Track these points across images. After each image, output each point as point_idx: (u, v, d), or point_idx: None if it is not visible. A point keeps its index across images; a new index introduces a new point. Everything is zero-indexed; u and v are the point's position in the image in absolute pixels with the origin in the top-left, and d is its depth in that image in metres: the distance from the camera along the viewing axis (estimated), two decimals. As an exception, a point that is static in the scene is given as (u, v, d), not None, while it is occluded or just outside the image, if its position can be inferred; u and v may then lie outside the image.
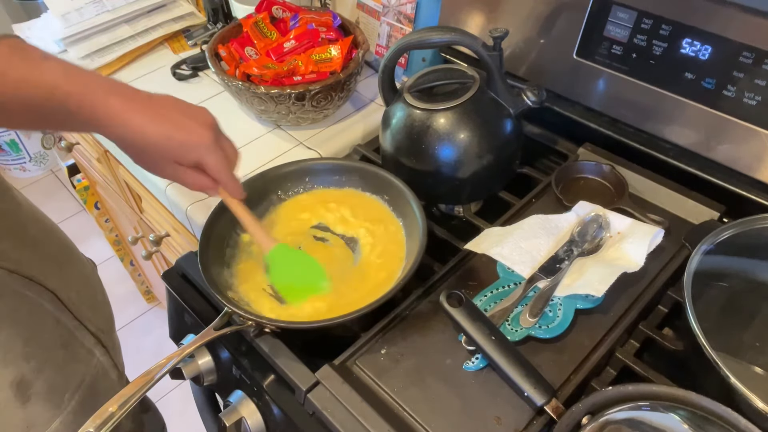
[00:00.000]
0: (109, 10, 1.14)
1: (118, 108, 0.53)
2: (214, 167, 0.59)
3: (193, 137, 0.56)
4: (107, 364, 0.75)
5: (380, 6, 1.01)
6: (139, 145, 0.55)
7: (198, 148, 0.57)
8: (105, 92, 0.53)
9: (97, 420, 0.52)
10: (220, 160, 0.59)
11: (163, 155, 0.57)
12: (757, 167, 0.68)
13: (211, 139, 0.58)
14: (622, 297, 0.63)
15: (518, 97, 0.74)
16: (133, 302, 1.99)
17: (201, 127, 0.57)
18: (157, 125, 0.54)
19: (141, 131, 0.54)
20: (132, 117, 0.53)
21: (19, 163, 2.42)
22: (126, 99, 0.54)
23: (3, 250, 0.61)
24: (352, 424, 0.54)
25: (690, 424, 0.48)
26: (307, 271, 0.67)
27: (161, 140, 0.55)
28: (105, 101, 0.52)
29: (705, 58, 0.67)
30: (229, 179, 0.61)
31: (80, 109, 0.51)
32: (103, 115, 0.52)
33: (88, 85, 0.52)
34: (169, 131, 0.55)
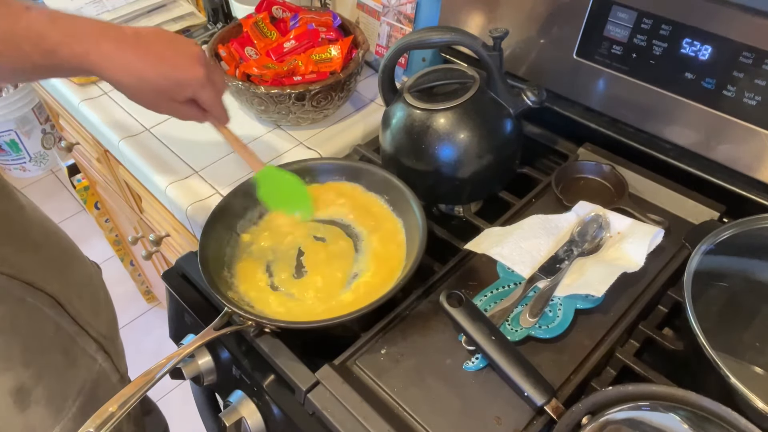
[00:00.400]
0: (109, 10, 1.14)
1: (111, 53, 0.53)
2: (206, 101, 0.62)
3: (187, 75, 0.58)
4: (109, 370, 0.75)
5: (380, 6, 1.01)
6: (135, 86, 0.57)
7: (192, 84, 0.59)
8: (96, 37, 0.53)
9: (97, 420, 0.52)
10: (212, 93, 0.61)
11: (159, 94, 0.58)
12: (757, 167, 0.68)
13: (204, 74, 0.59)
14: (622, 297, 0.63)
15: (518, 97, 0.74)
16: (133, 302, 1.99)
17: (193, 64, 0.59)
18: (153, 67, 0.56)
19: (137, 74, 0.55)
20: (126, 60, 0.54)
21: (19, 163, 2.42)
22: (117, 42, 0.54)
23: (3, 256, 0.61)
24: (352, 424, 0.54)
25: (690, 424, 0.48)
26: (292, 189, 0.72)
27: (158, 80, 0.57)
28: (97, 47, 0.53)
29: (705, 58, 0.67)
30: (219, 109, 0.64)
31: (72, 57, 0.52)
32: (97, 60, 0.53)
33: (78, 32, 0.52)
34: (165, 71, 0.57)
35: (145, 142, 0.95)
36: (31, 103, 2.27)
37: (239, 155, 0.71)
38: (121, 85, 0.56)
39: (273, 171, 0.72)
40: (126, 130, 0.97)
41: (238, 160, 0.91)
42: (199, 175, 0.89)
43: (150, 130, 0.97)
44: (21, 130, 2.29)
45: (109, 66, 0.54)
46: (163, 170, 0.90)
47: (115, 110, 1.01)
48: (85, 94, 1.04)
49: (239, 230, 0.73)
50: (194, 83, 0.59)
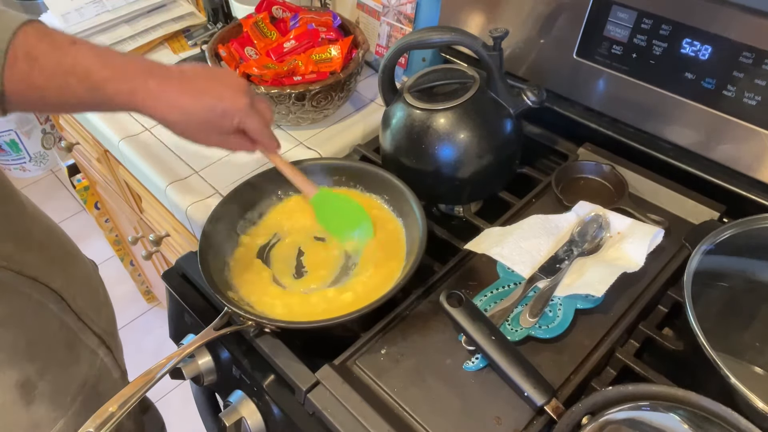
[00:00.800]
0: (109, 10, 1.14)
1: (157, 90, 0.54)
2: (253, 130, 0.62)
3: (231, 105, 0.59)
4: (110, 365, 0.75)
5: (380, 6, 1.01)
6: (182, 122, 0.57)
7: (237, 114, 0.59)
8: (143, 76, 0.54)
9: (98, 420, 0.52)
10: (258, 121, 0.62)
11: (207, 127, 0.59)
12: (757, 167, 0.68)
13: (248, 104, 0.60)
14: (622, 297, 0.63)
15: (518, 97, 0.74)
16: (133, 302, 1.99)
17: (237, 94, 0.59)
18: (197, 100, 0.56)
19: (183, 109, 0.56)
20: (172, 97, 0.55)
21: (19, 163, 2.42)
22: (162, 79, 0.55)
23: (9, 253, 0.61)
24: (352, 424, 0.54)
25: (690, 424, 0.48)
26: (349, 210, 0.72)
27: (204, 113, 0.57)
28: (144, 85, 0.53)
29: (705, 58, 0.67)
30: (267, 137, 0.65)
31: (118, 94, 0.52)
32: (143, 99, 0.54)
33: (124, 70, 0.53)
34: (210, 103, 0.57)
35: (145, 142, 0.95)
36: (31, 103, 2.27)
37: (292, 182, 0.72)
38: (168, 122, 0.57)
39: (328, 194, 0.73)
40: (126, 130, 0.97)
41: (238, 160, 0.91)
42: (199, 175, 0.89)
43: (150, 130, 0.97)
44: (21, 130, 2.29)
45: (154, 104, 0.54)
46: (163, 170, 0.90)
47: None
48: (85, 94, 1.04)
49: (239, 230, 0.73)
50: (239, 113, 0.59)
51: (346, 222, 0.72)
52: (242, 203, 0.74)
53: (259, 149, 0.67)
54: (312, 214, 0.75)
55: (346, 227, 0.72)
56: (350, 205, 0.73)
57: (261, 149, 0.67)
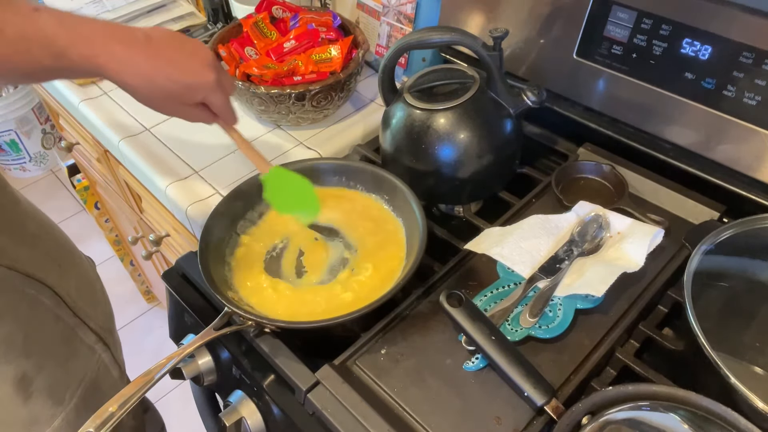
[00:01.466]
0: (109, 10, 1.14)
1: (121, 55, 0.53)
2: (216, 104, 0.62)
3: (198, 79, 0.58)
4: (108, 361, 0.75)
5: (380, 6, 1.01)
6: (145, 89, 0.56)
7: (203, 88, 0.59)
8: (105, 40, 0.53)
9: (97, 420, 0.52)
10: (222, 97, 0.61)
11: (169, 97, 0.58)
12: (757, 167, 0.68)
13: (215, 79, 0.59)
14: (622, 297, 0.63)
15: (518, 97, 0.74)
16: (133, 302, 1.99)
17: (204, 68, 0.58)
18: (163, 70, 0.55)
19: (147, 76, 0.55)
20: (136, 63, 0.54)
21: (19, 163, 2.42)
22: (128, 44, 0.54)
23: (2, 247, 0.61)
24: (352, 424, 0.54)
25: (690, 424, 0.48)
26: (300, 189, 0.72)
27: (167, 84, 0.56)
28: (106, 50, 0.53)
29: (705, 58, 0.67)
30: (228, 112, 0.64)
31: (81, 59, 0.52)
32: (106, 63, 0.53)
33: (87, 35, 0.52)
34: (175, 75, 0.56)
35: (145, 142, 0.95)
36: (31, 103, 2.27)
37: (246, 156, 0.71)
38: (131, 87, 0.56)
39: (280, 172, 0.72)
40: (126, 130, 0.97)
41: (238, 160, 0.91)
42: (199, 175, 0.89)
43: (150, 130, 0.97)
44: (21, 130, 2.29)
45: (118, 69, 0.54)
46: (163, 170, 0.90)
47: (115, 110, 1.01)
48: (85, 94, 1.04)
49: (239, 230, 0.73)
50: (205, 87, 0.59)
51: (293, 202, 0.72)
52: (242, 203, 0.74)
53: (219, 122, 0.66)
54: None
55: (293, 204, 0.72)
56: (301, 185, 0.72)
57: (220, 123, 0.66)
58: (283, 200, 0.72)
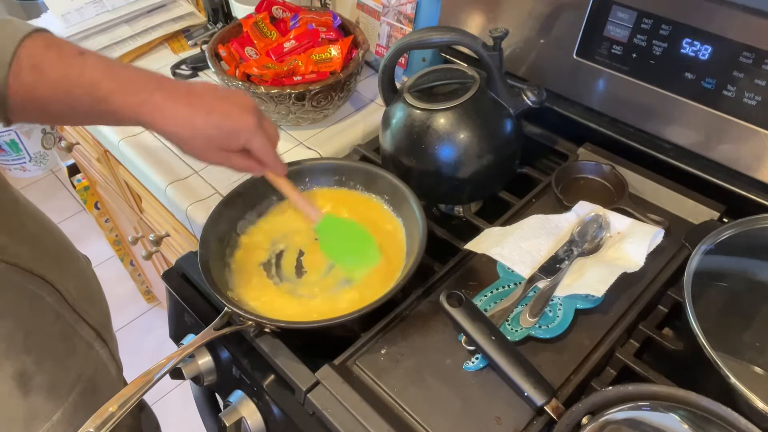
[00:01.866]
0: (109, 10, 1.14)
1: (163, 103, 0.54)
2: (260, 150, 0.61)
3: (239, 124, 0.58)
4: (106, 358, 0.76)
5: (380, 6, 1.01)
6: (187, 137, 0.57)
7: (244, 134, 0.59)
8: (150, 89, 0.53)
9: (97, 420, 0.52)
10: (265, 142, 0.61)
11: (211, 144, 0.58)
12: (757, 167, 0.68)
13: (255, 124, 0.59)
14: (622, 297, 0.63)
15: (518, 97, 0.74)
16: (133, 302, 1.99)
17: (244, 113, 0.58)
18: (203, 116, 0.56)
19: (189, 124, 0.55)
20: (178, 111, 0.54)
21: (19, 163, 2.42)
22: (169, 93, 0.54)
23: (3, 245, 0.61)
24: (352, 424, 0.54)
25: (690, 424, 0.48)
26: (354, 235, 0.70)
27: (209, 130, 0.56)
28: (151, 99, 0.53)
29: (705, 58, 0.67)
30: (273, 159, 0.64)
31: (124, 106, 0.52)
32: (149, 111, 0.53)
33: (131, 83, 0.52)
34: (217, 120, 0.57)
35: (145, 142, 0.95)
36: (31, 103, 2.27)
37: (297, 207, 0.69)
38: (173, 135, 0.56)
39: (333, 220, 0.70)
40: (126, 130, 0.97)
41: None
42: (199, 175, 0.89)
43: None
44: (21, 130, 2.29)
45: (160, 118, 0.54)
46: (163, 170, 0.90)
47: (115, 110, 1.01)
48: (85, 94, 1.04)
49: (239, 230, 0.73)
50: (245, 132, 0.59)
51: (351, 249, 0.69)
52: (242, 203, 0.74)
53: (266, 172, 0.66)
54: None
55: (351, 254, 0.69)
56: (355, 230, 0.70)
57: (267, 172, 0.66)
58: (339, 249, 0.70)
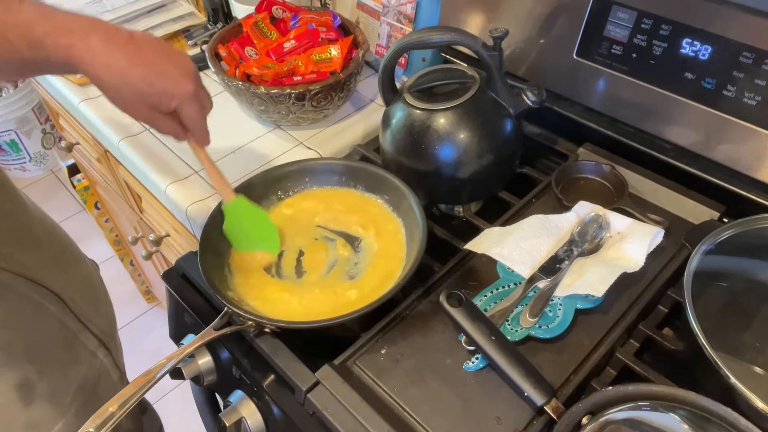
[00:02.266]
0: (109, 10, 1.14)
1: (99, 48, 0.51)
2: (190, 117, 0.59)
3: (174, 87, 0.56)
4: (109, 366, 0.75)
5: (380, 6, 1.01)
6: (117, 86, 0.54)
7: (178, 97, 0.56)
8: (85, 31, 0.51)
9: (97, 420, 0.52)
10: (197, 110, 0.59)
11: (141, 99, 0.56)
12: (757, 167, 0.68)
13: (192, 90, 0.57)
14: (622, 297, 0.63)
15: (518, 97, 0.74)
16: (133, 302, 1.99)
17: (183, 76, 0.56)
18: (138, 70, 0.53)
19: (121, 74, 0.53)
20: (113, 58, 0.52)
21: (19, 163, 2.42)
22: (107, 38, 0.52)
23: (9, 253, 0.61)
24: (352, 424, 0.54)
25: (690, 424, 0.48)
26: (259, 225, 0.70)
27: (142, 86, 0.54)
28: (85, 40, 0.51)
29: (705, 58, 0.67)
30: (200, 129, 0.61)
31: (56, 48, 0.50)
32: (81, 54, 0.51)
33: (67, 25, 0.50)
34: (151, 78, 0.54)
35: (145, 142, 0.95)
36: (31, 103, 2.27)
37: (212, 181, 0.69)
38: (103, 83, 0.54)
39: (243, 204, 0.70)
40: (126, 130, 0.97)
41: (237, 160, 0.91)
42: (199, 175, 0.89)
43: (150, 130, 0.97)
44: (21, 130, 2.29)
45: (93, 62, 0.51)
46: (163, 170, 0.90)
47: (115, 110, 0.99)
48: (85, 94, 1.04)
49: (239, 230, 0.73)
50: (180, 96, 0.56)
51: (251, 236, 0.70)
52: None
53: (189, 139, 0.63)
54: (311, 215, 0.75)
55: (249, 241, 0.70)
56: (262, 220, 0.71)
57: (190, 140, 0.64)
58: (242, 235, 0.70)
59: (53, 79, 1.10)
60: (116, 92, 0.55)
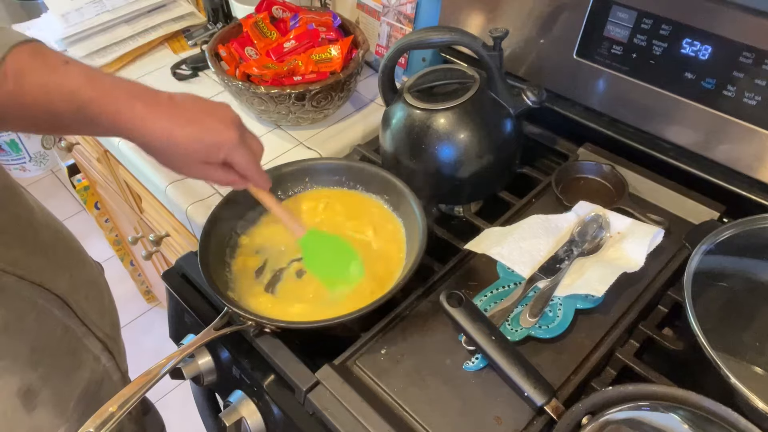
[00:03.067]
0: (109, 10, 1.14)
1: (143, 113, 0.52)
2: (242, 164, 0.60)
3: (220, 138, 0.57)
4: (112, 370, 0.75)
5: (380, 6, 1.01)
6: (165, 149, 0.55)
7: (225, 147, 0.57)
8: (128, 97, 0.52)
9: (97, 420, 0.52)
10: (247, 156, 0.60)
11: (191, 157, 0.57)
12: (757, 167, 0.68)
13: (237, 137, 0.58)
14: (622, 297, 0.63)
15: (518, 97, 0.74)
16: (133, 302, 1.99)
17: (227, 127, 0.57)
18: (183, 129, 0.54)
19: (168, 136, 0.54)
20: (157, 122, 0.53)
21: (19, 163, 2.42)
22: (149, 103, 0.53)
23: (15, 257, 0.60)
24: (352, 424, 0.54)
25: (690, 424, 0.48)
26: (339, 251, 0.69)
27: (189, 143, 0.55)
28: (129, 107, 0.52)
29: (705, 58, 0.67)
30: (256, 173, 0.63)
31: (102, 115, 0.51)
32: (128, 121, 0.52)
33: (110, 90, 0.51)
34: (197, 134, 0.55)
35: (145, 142, 0.95)
36: (31, 103, 2.27)
37: (282, 221, 0.68)
38: (152, 148, 0.55)
39: (318, 234, 0.69)
40: (126, 130, 0.97)
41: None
42: (199, 175, 0.89)
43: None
44: (21, 130, 2.29)
45: (138, 127, 0.53)
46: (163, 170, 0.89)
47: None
48: (85, 94, 1.04)
49: (239, 230, 0.73)
50: (227, 145, 0.57)
51: (335, 265, 0.69)
52: (242, 203, 0.74)
53: (249, 186, 0.64)
54: (312, 215, 0.75)
55: (335, 271, 0.69)
56: (340, 246, 0.70)
57: (250, 186, 0.64)
58: (323, 266, 0.69)
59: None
60: (165, 154, 0.56)
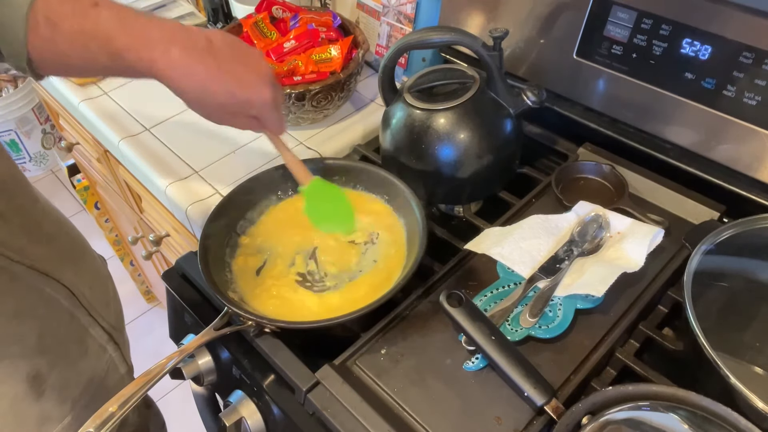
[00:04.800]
0: (109, 10, 1.14)
1: (180, 62, 0.52)
2: (268, 119, 0.61)
3: (255, 95, 0.57)
4: (118, 360, 0.75)
5: (380, 6, 1.01)
6: (199, 98, 0.55)
7: (257, 105, 0.58)
8: (165, 43, 0.51)
9: (98, 420, 0.52)
10: (275, 113, 0.61)
11: (223, 109, 0.57)
12: (757, 167, 0.68)
13: (270, 96, 0.58)
14: (622, 297, 0.63)
15: (518, 97, 0.74)
16: (133, 302, 1.99)
17: (260, 82, 0.57)
18: (220, 82, 0.54)
19: (204, 88, 0.54)
20: (194, 72, 0.53)
21: (19, 163, 2.42)
22: (187, 50, 0.52)
23: (21, 247, 0.61)
24: (352, 424, 0.54)
25: (690, 424, 0.48)
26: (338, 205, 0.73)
27: (224, 98, 0.55)
28: (165, 54, 0.51)
29: (705, 58, 0.67)
30: (276, 123, 0.64)
31: (139, 61, 0.51)
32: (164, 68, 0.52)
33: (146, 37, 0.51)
34: (233, 88, 0.55)
35: (145, 142, 0.95)
36: (31, 103, 2.27)
37: (288, 167, 0.71)
38: (185, 95, 0.55)
39: (321, 184, 0.72)
40: (126, 130, 0.97)
41: (237, 160, 0.91)
42: (199, 175, 0.89)
43: (150, 130, 0.97)
44: (21, 130, 2.29)
45: (174, 75, 0.52)
46: (163, 170, 0.90)
47: (115, 110, 1.01)
48: (85, 94, 1.04)
49: (239, 230, 0.73)
50: (260, 104, 0.58)
51: (331, 214, 0.72)
52: (242, 203, 0.74)
53: (266, 132, 0.66)
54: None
55: (330, 219, 0.72)
56: (340, 197, 0.73)
57: (267, 132, 0.66)
58: (321, 214, 0.72)
59: (53, 79, 1.10)
60: (199, 103, 0.56)
